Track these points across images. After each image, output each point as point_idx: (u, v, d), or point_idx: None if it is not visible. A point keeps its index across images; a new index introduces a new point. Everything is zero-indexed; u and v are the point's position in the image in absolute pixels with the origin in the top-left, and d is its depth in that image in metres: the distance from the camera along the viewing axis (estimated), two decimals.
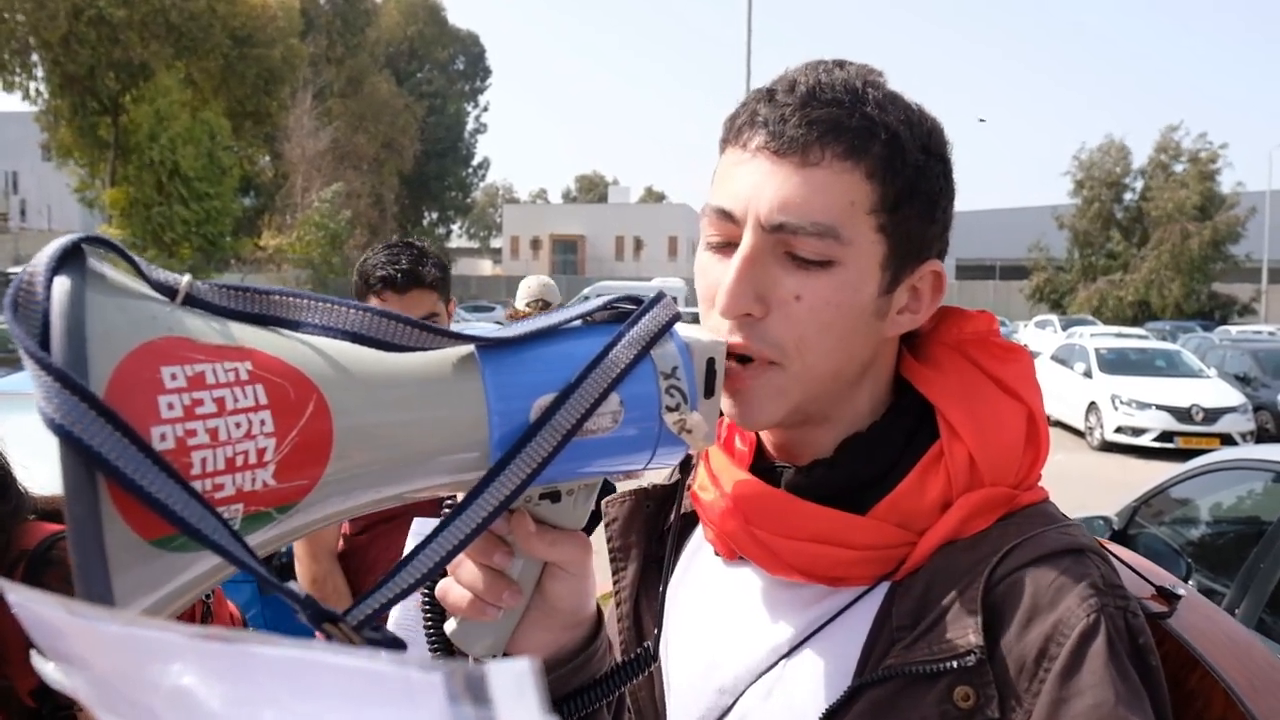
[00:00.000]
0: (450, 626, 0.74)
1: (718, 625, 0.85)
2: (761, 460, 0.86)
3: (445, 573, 0.73)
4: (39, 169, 47.00)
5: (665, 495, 0.93)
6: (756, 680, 0.80)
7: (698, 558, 0.91)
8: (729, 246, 0.77)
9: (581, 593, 0.75)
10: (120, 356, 0.44)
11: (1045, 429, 0.82)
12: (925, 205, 0.76)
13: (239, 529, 0.48)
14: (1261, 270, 36.53)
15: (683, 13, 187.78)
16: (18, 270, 0.74)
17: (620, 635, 0.91)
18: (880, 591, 0.77)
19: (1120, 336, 18.78)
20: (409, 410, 0.58)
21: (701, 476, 0.87)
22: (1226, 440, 11.42)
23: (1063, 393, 13.34)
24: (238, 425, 0.48)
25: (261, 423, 0.49)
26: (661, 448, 0.68)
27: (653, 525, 0.93)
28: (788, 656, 0.79)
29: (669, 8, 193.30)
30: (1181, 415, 11.95)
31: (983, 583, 0.71)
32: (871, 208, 0.74)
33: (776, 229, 0.73)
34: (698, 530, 0.92)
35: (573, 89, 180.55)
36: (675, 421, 0.67)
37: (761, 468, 0.85)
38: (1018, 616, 0.70)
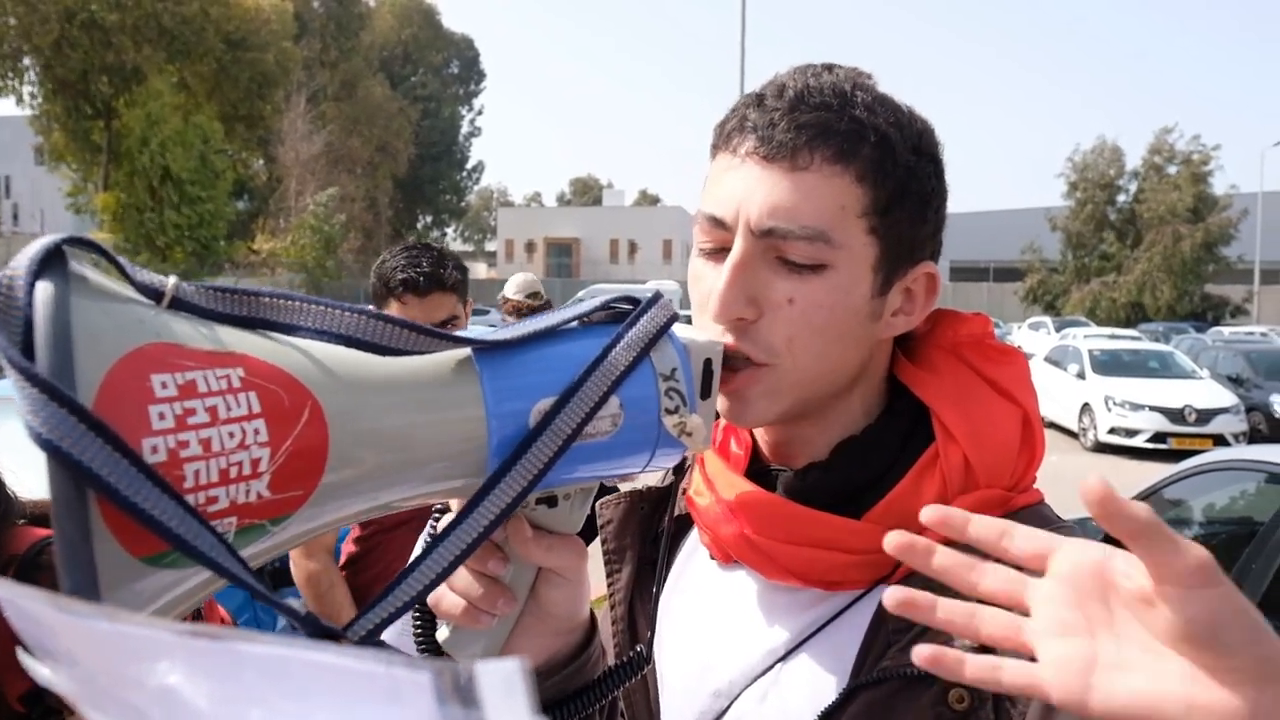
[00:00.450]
0: (443, 634, 0.73)
1: (712, 628, 0.85)
2: (756, 463, 0.86)
3: None
4: (31, 173, 46.78)
5: (660, 497, 0.93)
6: (751, 684, 0.79)
7: (693, 560, 0.91)
8: (721, 252, 0.76)
9: (576, 598, 0.74)
10: (109, 364, 0.42)
11: (1040, 431, 0.81)
12: (917, 207, 0.76)
13: (232, 543, 0.47)
14: (1254, 272, 36.65)
15: (677, 16, 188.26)
16: None
17: (614, 638, 0.91)
18: (876, 595, 0.76)
19: (1114, 338, 18.83)
20: (406, 415, 0.56)
21: (696, 481, 0.87)
22: (1219, 441, 11.44)
23: (1056, 394, 13.35)
24: (231, 435, 0.46)
25: (255, 432, 0.47)
26: (660, 450, 0.67)
27: (647, 527, 0.92)
28: (783, 660, 0.79)
29: (664, 11, 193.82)
30: (1175, 416, 11.97)
31: None
32: (862, 210, 0.73)
33: (766, 234, 0.73)
34: (693, 533, 0.91)
35: (567, 92, 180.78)
36: (675, 424, 0.66)
37: (756, 470, 0.84)
38: None
